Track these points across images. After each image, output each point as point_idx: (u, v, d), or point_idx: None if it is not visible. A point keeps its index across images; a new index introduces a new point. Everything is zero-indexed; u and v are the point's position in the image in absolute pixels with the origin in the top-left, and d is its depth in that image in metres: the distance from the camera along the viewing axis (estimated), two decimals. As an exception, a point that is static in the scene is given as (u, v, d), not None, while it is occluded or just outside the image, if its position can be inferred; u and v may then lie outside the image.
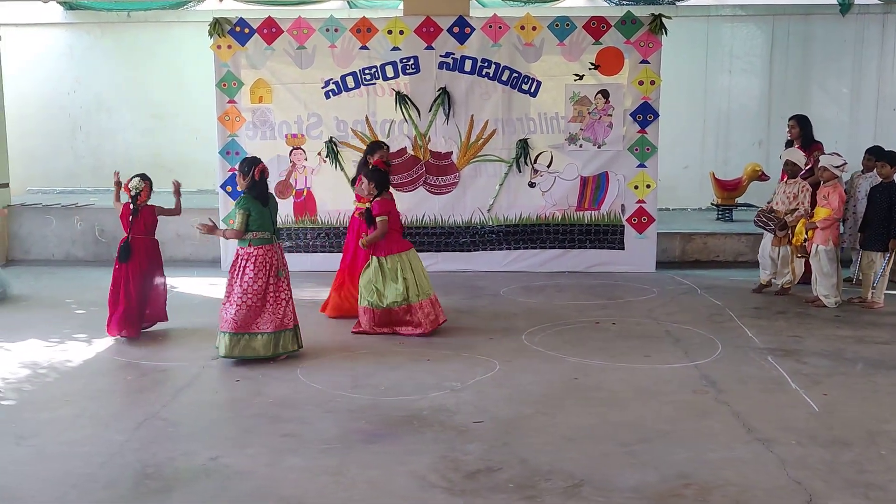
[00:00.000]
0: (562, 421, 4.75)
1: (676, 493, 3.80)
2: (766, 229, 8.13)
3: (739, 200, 11.35)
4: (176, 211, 7.05)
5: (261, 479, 4.03)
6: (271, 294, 5.91)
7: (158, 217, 6.85)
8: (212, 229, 6.10)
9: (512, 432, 4.58)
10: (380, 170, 6.97)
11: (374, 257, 6.67)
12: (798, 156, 8.09)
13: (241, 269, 5.92)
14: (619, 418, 4.78)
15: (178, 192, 7.05)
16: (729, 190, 11.25)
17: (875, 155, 8.31)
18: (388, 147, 7.67)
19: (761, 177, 11.12)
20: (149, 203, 6.78)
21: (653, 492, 3.82)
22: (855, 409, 4.95)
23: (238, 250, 6.01)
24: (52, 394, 5.35)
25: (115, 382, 5.59)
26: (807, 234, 7.81)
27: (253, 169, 6.01)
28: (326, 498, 3.85)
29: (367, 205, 6.76)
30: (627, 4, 11.54)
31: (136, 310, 6.61)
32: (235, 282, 5.90)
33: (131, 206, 6.66)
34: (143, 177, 6.73)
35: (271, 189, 8.89)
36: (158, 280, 6.86)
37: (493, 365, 5.86)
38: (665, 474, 3.99)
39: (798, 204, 7.92)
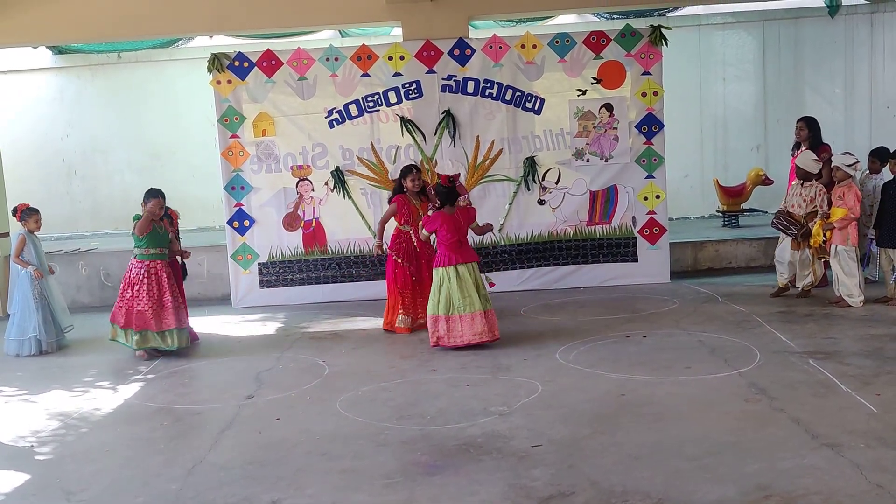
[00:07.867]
0: (622, 439, 4.65)
1: (760, 506, 3.72)
2: (786, 233, 8.09)
3: (744, 206, 11.36)
4: None
5: (328, 519, 3.91)
6: None
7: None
8: None
9: (574, 454, 4.47)
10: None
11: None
12: (808, 161, 8.04)
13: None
14: (680, 433, 4.69)
15: None
16: (734, 196, 11.24)
17: (879, 157, 8.37)
18: (417, 169, 8.06)
19: (765, 181, 11.14)
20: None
21: (736, 506, 3.74)
22: (912, 408, 4.90)
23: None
24: (90, 444, 5.19)
25: (151, 429, 5.42)
26: (825, 235, 7.79)
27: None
28: (401, 535, 3.74)
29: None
30: (620, 18, 11.59)
31: None
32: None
33: None
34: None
35: (279, 221, 9.15)
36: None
37: (534, 386, 5.76)
38: (744, 487, 3.90)
39: (817, 206, 7.89)
